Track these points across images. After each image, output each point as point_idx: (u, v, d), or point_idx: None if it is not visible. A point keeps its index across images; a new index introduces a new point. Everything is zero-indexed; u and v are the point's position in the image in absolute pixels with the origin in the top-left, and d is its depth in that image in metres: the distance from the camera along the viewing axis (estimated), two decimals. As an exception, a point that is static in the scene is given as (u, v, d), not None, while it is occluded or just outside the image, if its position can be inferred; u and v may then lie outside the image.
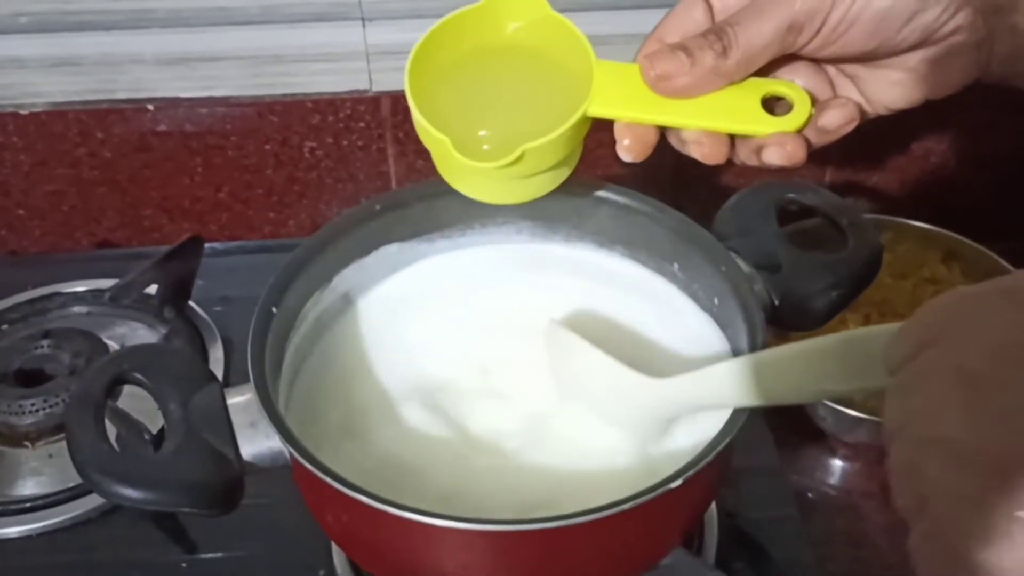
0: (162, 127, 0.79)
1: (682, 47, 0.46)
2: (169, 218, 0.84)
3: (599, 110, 0.47)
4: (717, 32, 0.45)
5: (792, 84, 0.48)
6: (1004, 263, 0.74)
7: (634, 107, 0.47)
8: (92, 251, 0.85)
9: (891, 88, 0.49)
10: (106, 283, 0.76)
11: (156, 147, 0.80)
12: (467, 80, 0.50)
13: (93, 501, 0.62)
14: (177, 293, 0.74)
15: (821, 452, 0.68)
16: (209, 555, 0.60)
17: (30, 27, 0.75)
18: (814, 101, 0.48)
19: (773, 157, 0.47)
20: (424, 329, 0.57)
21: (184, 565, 0.60)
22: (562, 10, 0.74)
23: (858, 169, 0.84)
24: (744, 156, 0.48)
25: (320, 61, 0.77)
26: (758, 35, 0.45)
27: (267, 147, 0.81)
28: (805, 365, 0.41)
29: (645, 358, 0.54)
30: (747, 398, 0.43)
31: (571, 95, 0.48)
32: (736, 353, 0.50)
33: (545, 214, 0.59)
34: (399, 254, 0.59)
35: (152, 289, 0.74)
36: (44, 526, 0.61)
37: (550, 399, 0.53)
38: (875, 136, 0.82)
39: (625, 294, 0.58)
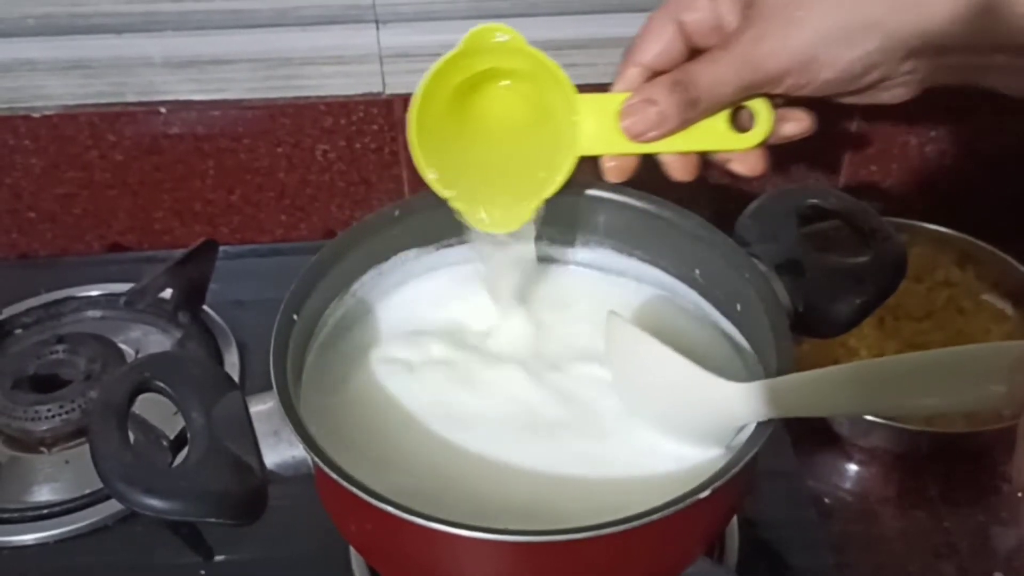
0: (174, 130, 0.79)
1: (651, 100, 0.50)
2: (180, 221, 0.84)
3: (587, 149, 0.51)
4: (684, 85, 0.49)
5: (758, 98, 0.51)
6: (1019, 266, 0.74)
7: (617, 142, 0.51)
8: (103, 254, 0.85)
9: (844, 99, 0.52)
10: (118, 287, 0.76)
11: (167, 150, 0.80)
12: (461, 131, 0.53)
13: (110, 508, 0.62)
14: (191, 297, 0.73)
15: (837, 457, 0.68)
16: (226, 559, 0.60)
17: (39, 29, 0.75)
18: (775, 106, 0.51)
19: (738, 168, 0.52)
20: (441, 334, 0.57)
21: (202, 571, 0.59)
22: (577, 11, 0.75)
23: (871, 171, 0.84)
24: (713, 164, 0.53)
25: (332, 64, 0.77)
26: (722, 90, 0.49)
27: (279, 150, 0.80)
28: (920, 375, 0.40)
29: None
30: (854, 407, 0.43)
31: (557, 125, 0.52)
32: (762, 359, 0.50)
33: (565, 220, 0.59)
34: (417, 260, 0.59)
35: (167, 293, 0.73)
36: (60, 533, 0.61)
37: (566, 402, 0.53)
38: (888, 138, 0.82)
39: (646, 300, 0.57)
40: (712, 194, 0.79)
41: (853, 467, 0.67)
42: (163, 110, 0.78)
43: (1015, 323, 0.73)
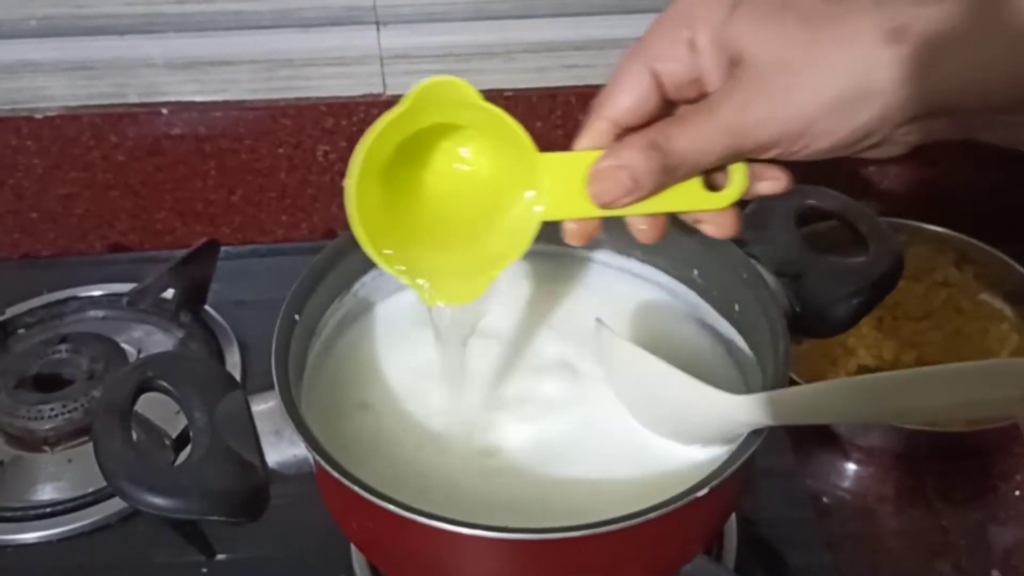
0: (175, 130, 0.80)
1: (624, 166, 0.44)
2: (182, 221, 0.84)
3: (550, 214, 0.46)
4: (662, 151, 0.44)
5: None
6: (1017, 266, 0.74)
7: (583, 206, 0.45)
8: (105, 254, 0.85)
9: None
10: (120, 287, 0.77)
11: (169, 150, 0.80)
12: (409, 197, 0.46)
13: (112, 506, 0.62)
14: (193, 297, 0.74)
15: (835, 456, 0.68)
16: (228, 558, 0.61)
17: (41, 31, 0.75)
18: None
19: (710, 229, 0.48)
20: (442, 333, 0.57)
21: (204, 569, 0.60)
22: (576, 13, 0.76)
23: (870, 172, 0.84)
24: (683, 221, 0.49)
25: (333, 65, 0.77)
26: (704, 159, 0.44)
27: (280, 150, 0.81)
28: (939, 385, 0.39)
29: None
30: (857, 416, 0.41)
31: (517, 188, 0.46)
32: (760, 360, 0.51)
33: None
34: (418, 259, 0.59)
35: (168, 293, 0.74)
36: (63, 531, 0.61)
37: (572, 403, 0.53)
38: (887, 139, 0.82)
39: (645, 299, 0.58)
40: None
41: (851, 466, 0.68)
42: (165, 111, 0.79)
43: (1013, 323, 0.74)
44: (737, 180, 0.46)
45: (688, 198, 0.46)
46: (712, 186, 0.46)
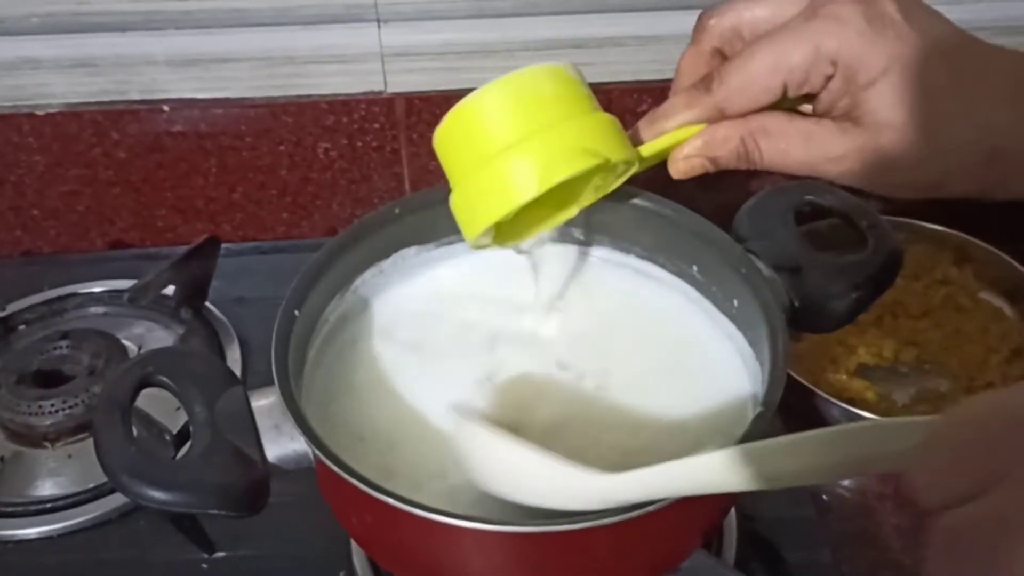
0: (177, 128, 0.80)
1: (714, 159, 0.50)
2: (183, 218, 0.85)
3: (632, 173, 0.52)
4: (750, 160, 0.49)
5: None
6: (1016, 264, 0.74)
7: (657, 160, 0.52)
8: (106, 251, 0.85)
9: None
10: (121, 283, 0.77)
11: (170, 148, 0.81)
12: None
13: (112, 502, 0.62)
14: (194, 294, 0.74)
15: (835, 453, 0.68)
16: (228, 555, 0.61)
17: (42, 28, 0.75)
18: None
19: None
20: (442, 331, 0.57)
21: (204, 566, 0.60)
22: (577, 11, 0.76)
23: (870, 170, 0.84)
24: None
25: (334, 62, 0.77)
26: (782, 170, 0.50)
27: (281, 148, 0.81)
28: (813, 452, 0.37)
29: (663, 362, 0.55)
30: (742, 485, 0.39)
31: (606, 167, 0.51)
32: (759, 355, 0.51)
33: (564, 217, 0.59)
34: (417, 257, 0.59)
35: (169, 290, 0.74)
36: (63, 527, 0.62)
37: (568, 399, 0.53)
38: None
39: (644, 296, 0.58)
40: (710, 191, 0.79)
41: (851, 463, 0.68)
42: (166, 108, 0.79)
43: (1012, 321, 0.74)
44: None
45: None
46: None
